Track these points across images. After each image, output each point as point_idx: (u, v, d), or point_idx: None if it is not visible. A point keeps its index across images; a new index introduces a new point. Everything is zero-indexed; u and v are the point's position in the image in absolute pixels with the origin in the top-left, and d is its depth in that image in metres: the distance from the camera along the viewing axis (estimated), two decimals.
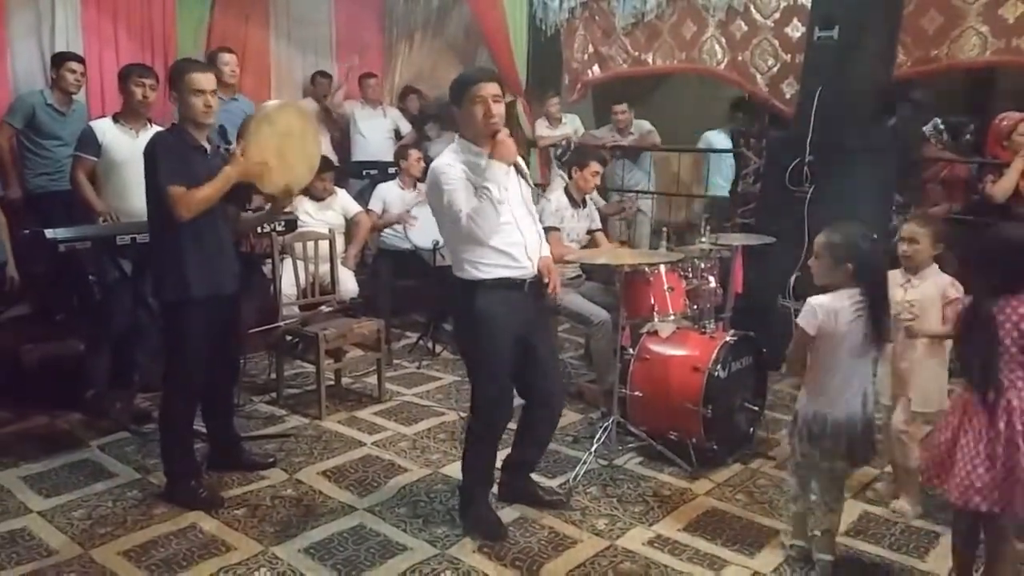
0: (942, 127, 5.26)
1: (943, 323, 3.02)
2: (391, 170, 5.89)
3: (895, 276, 3.25)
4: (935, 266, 3.15)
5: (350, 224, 5.30)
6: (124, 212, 4.10)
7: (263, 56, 6.63)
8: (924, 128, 5.24)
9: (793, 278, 4.84)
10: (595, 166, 4.54)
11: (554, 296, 2.99)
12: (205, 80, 3.17)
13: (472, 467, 3.13)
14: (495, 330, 2.90)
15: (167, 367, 3.31)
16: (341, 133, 6.79)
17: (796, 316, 2.77)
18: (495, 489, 3.29)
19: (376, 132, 6.65)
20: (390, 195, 5.54)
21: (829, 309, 2.67)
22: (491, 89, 2.85)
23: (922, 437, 3.16)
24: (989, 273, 2.40)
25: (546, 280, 2.97)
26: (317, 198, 5.04)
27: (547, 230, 3.61)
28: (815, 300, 2.69)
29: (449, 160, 2.91)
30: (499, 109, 2.86)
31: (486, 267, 2.89)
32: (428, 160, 6.50)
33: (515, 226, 2.91)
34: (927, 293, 3.09)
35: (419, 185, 5.61)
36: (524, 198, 3.00)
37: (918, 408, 3.17)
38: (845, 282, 2.67)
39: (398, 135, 6.77)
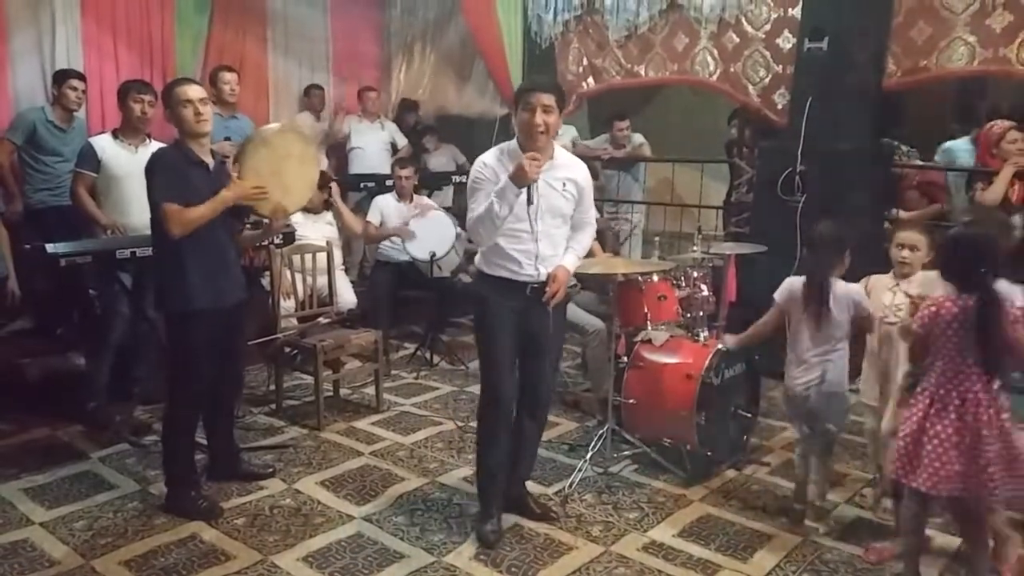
0: (896, 143, 5.35)
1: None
2: (388, 182, 5.95)
3: (884, 280, 3.28)
4: (921, 272, 3.20)
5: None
6: (120, 225, 4.15)
7: (261, 70, 6.71)
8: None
9: None
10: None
11: (547, 302, 3.03)
12: (191, 90, 3.23)
13: (479, 459, 3.20)
14: (493, 317, 3.04)
15: (170, 378, 3.35)
16: (338, 158, 6.84)
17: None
18: None
19: (373, 145, 6.70)
20: (387, 207, 5.58)
21: (786, 286, 3.23)
22: (543, 99, 2.91)
23: None
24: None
25: (547, 288, 3.02)
26: (313, 211, 5.08)
27: None
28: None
29: (487, 158, 3.04)
30: (547, 119, 2.91)
31: (493, 264, 3.04)
32: (427, 172, 6.59)
33: (531, 235, 2.99)
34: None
35: (416, 198, 5.67)
36: (564, 207, 3.06)
37: None
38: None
39: (394, 148, 6.82)
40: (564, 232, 3.12)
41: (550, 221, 3.02)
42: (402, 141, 6.87)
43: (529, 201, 2.92)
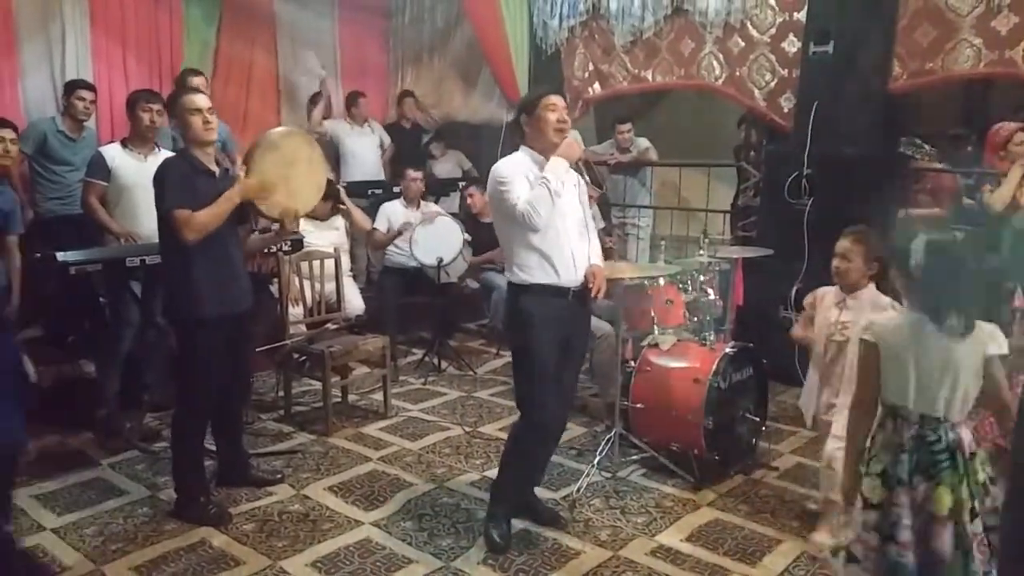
0: (919, 141, 5.32)
1: None
2: (396, 189, 5.97)
3: (831, 294, 3.17)
4: (872, 286, 3.05)
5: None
6: (132, 234, 4.19)
7: (270, 79, 6.74)
8: (901, 146, 5.31)
9: (795, 289, 4.89)
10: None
11: (595, 300, 3.07)
12: (199, 99, 3.27)
13: (506, 473, 3.18)
14: (537, 330, 2.99)
15: (179, 386, 3.37)
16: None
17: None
18: None
19: (366, 150, 6.67)
20: (394, 213, 5.60)
21: None
22: (561, 101, 3.03)
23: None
24: None
25: (590, 285, 3.03)
26: (320, 219, 5.10)
27: None
28: None
29: (508, 159, 3.06)
30: (568, 116, 3.03)
31: (533, 271, 3.00)
32: (433, 178, 6.61)
33: (565, 234, 3.01)
34: (864, 314, 2.82)
35: (422, 204, 5.69)
36: (579, 209, 3.10)
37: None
38: None
39: (383, 150, 6.84)
40: (583, 231, 3.13)
41: (572, 220, 3.05)
42: (387, 140, 6.87)
43: (580, 172, 3.05)
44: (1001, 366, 2.13)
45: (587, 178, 3.21)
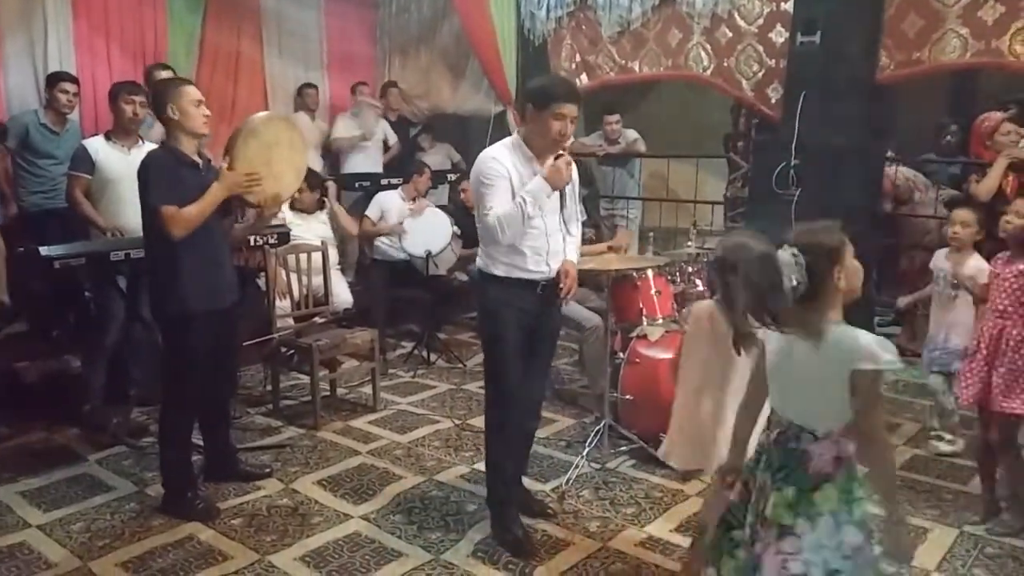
0: None
1: None
2: (383, 182, 5.94)
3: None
4: None
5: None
6: (119, 228, 4.15)
7: (256, 69, 6.70)
8: None
9: None
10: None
11: (562, 298, 3.03)
12: (196, 91, 3.24)
13: (490, 461, 3.16)
14: (502, 319, 2.98)
15: (166, 381, 3.35)
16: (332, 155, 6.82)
17: None
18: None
19: (368, 143, 6.68)
20: (389, 204, 5.56)
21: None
22: (573, 111, 2.90)
23: None
24: None
25: (560, 284, 3.00)
26: (306, 211, 5.08)
27: None
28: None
29: (497, 153, 2.95)
30: (571, 129, 2.93)
31: (503, 265, 2.97)
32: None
33: (543, 232, 2.97)
34: None
35: (417, 199, 5.66)
36: (562, 206, 3.04)
37: None
38: None
39: (386, 146, 6.81)
40: (561, 226, 3.10)
41: (554, 217, 3.02)
42: (393, 138, 6.85)
43: (563, 206, 2.95)
44: (874, 385, 1.85)
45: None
